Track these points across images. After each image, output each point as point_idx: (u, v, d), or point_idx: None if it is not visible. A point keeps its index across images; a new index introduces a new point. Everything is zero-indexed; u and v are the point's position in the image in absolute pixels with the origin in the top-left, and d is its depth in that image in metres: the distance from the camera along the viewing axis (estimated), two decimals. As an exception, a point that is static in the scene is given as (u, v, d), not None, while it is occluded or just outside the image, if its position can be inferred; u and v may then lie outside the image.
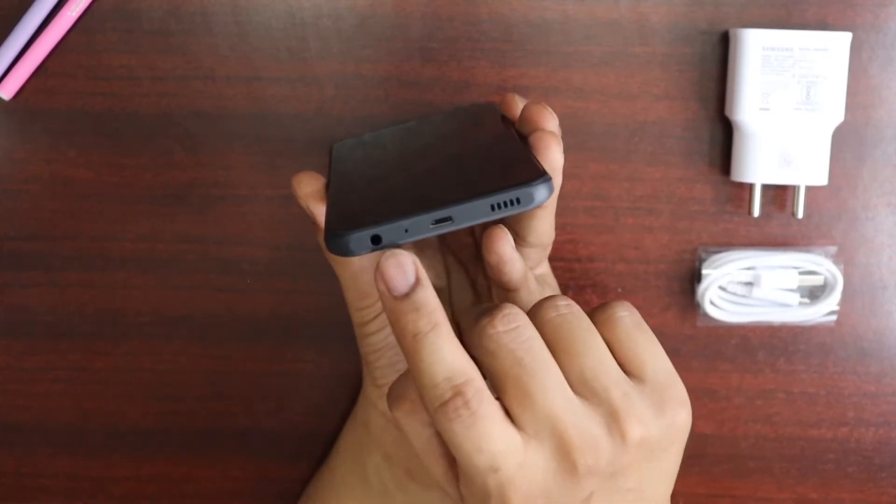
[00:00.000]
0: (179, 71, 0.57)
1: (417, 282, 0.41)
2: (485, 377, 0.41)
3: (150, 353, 0.59)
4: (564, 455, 0.41)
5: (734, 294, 0.58)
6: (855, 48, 0.57)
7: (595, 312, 0.44)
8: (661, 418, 0.42)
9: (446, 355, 0.41)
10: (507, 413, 0.41)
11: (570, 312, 0.43)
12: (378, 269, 0.41)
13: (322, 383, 0.60)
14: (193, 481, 0.60)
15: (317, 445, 0.60)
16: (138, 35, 0.56)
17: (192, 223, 0.58)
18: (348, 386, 0.60)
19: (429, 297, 0.41)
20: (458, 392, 0.40)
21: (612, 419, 0.41)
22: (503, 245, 0.46)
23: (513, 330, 0.41)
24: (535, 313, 0.43)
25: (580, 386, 0.42)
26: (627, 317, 0.44)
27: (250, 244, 0.58)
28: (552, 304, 0.43)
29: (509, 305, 0.42)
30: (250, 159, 0.57)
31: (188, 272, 0.58)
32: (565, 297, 0.43)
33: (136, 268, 0.58)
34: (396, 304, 0.41)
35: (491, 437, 0.40)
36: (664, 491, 0.44)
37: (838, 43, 0.55)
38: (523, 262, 0.47)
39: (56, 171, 0.58)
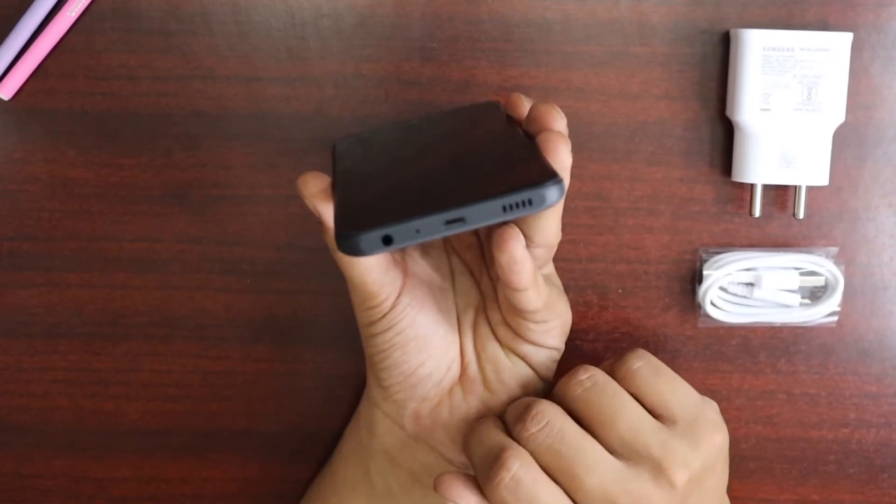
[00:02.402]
0: (179, 71, 0.57)
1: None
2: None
3: (150, 353, 0.59)
4: None
5: (735, 295, 0.58)
6: (856, 48, 0.56)
7: (613, 369, 0.49)
8: (700, 450, 0.47)
9: (486, 435, 0.47)
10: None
11: (594, 384, 0.48)
12: None
13: (322, 383, 0.60)
14: (193, 482, 0.60)
15: (317, 446, 0.60)
16: (138, 35, 0.56)
17: (191, 223, 0.58)
18: (348, 386, 0.60)
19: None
20: (496, 459, 0.46)
21: (658, 471, 0.46)
22: (515, 245, 0.46)
23: (544, 427, 0.46)
24: (562, 392, 0.48)
25: (622, 449, 0.46)
26: (643, 366, 0.48)
27: (250, 244, 0.58)
28: (576, 381, 0.48)
29: (536, 403, 0.47)
30: (250, 159, 0.57)
31: (188, 272, 0.58)
32: (586, 367, 0.49)
33: (136, 268, 0.58)
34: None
35: (538, 499, 0.45)
36: (720, 495, 0.49)
37: (839, 43, 0.55)
38: (533, 262, 0.47)
39: (55, 171, 0.58)
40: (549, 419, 0.47)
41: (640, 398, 0.48)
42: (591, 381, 0.48)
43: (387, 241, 0.42)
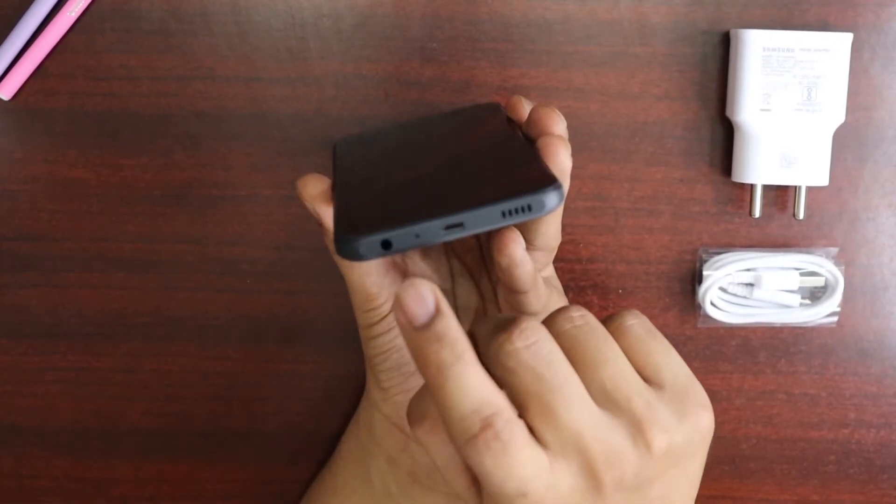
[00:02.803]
0: (179, 71, 0.57)
1: (438, 311, 0.39)
2: (501, 387, 0.41)
3: (150, 353, 0.59)
4: (590, 472, 0.40)
5: (735, 295, 0.58)
6: (856, 49, 0.56)
7: (605, 322, 0.44)
8: (684, 424, 0.42)
9: (473, 386, 0.39)
10: (531, 430, 0.40)
11: (586, 323, 0.42)
12: (396, 300, 0.40)
13: (322, 384, 0.60)
14: (193, 482, 0.60)
15: (317, 446, 0.60)
16: (138, 35, 0.56)
17: (191, 223, 0.58)
18: (348, 387, 0.60)
19: (451, 326, 0.39)
20: (487, 424, 0.39)
21: (636, 429, 0.41)
22: (515, 247, 0.46)
23: (532, 345, 0.40)
24: (549, 325, 0.42)
25: (601, 397, 0.41)
26: (637, 324, 0.43)
27: (250, 244, 0.58)
28: (567, 316, 0.42)
29: (526, 319, 0.41)
30: (250, 159, 0.57)
31: (188, 273, 0.58)
32: (579, 306, 0.43)
33: (136, 268, 0.58)
34: (417, 335, 0.39)
35: (520, 463, 0.39)
36: (690, 494, 0.44)
37: (839, 43, 0.55)
38: (533, 264, 0.47)
39: (55, 171, 0.57)
40: (539, 339, 0.40)
41: (630, 357, 0.43)
42: (582, 319, 0.42)
43: (386, 245, 0.42)
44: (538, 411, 0.40)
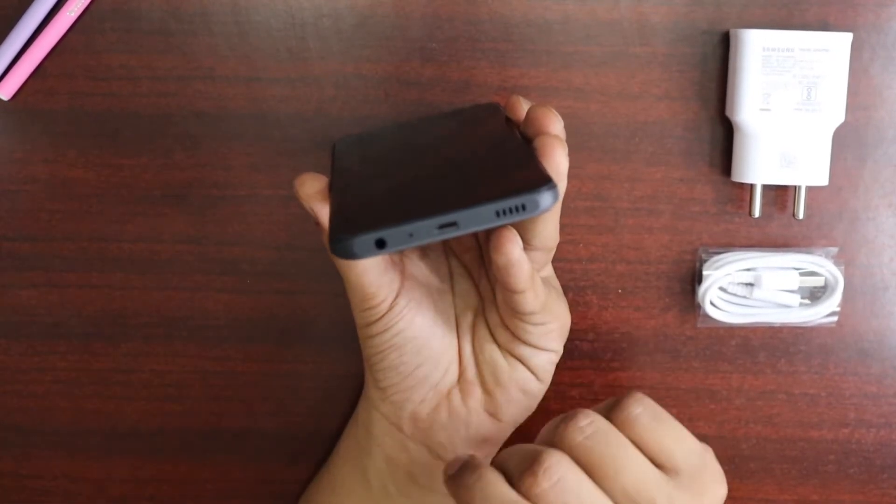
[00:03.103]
0: (179, 71, 0.57)
1: (470, 458, 0.44)
2: None
3: (150, 354, 0.59)
4: None
5: (735, 295, 0.58)
6: (856, 49, 0.56)
7: (612, 414, 0.45)
8: (703, 503, 0.45)
9: (493, 496, 0.43)
10: None
11: (596, 430, 0.44)
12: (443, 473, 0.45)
13: (322, 384, 0.60)
14: (193, 482, 0.60)
15: (317, 446, 0.60)
16: (138, 35, 0.56)
17: (191, 223, 0.58)
18: (348, 387, 0.60)
19: (476, 462, 0.44)
20: None
21: None
22: (512, 247, 0.46)
23: (557, 484, 0.43)
24: (561, 440, 0.44)
25: (624, 501, 0.43)
26: (643, 412, 0.45)
27: (250, 244, 0.58)
28: (576, 427, 0.44)
29: (546, 455, 0.43)
30: (250, 159, 0.57)
31: (187, 272, 0.58)
32: (585, 413, 0.45)
33: (136, 268, 0.58)
34: (453, 479, 0.44)
35: None
36: None
37: (839, 43, 0.55)
38: (530, 264, 0.47)
39: (55, 171, 0.58)
40: (562, 475, 0.43)
41: (641, 446, 0.45)
42: (591, 427, 0.44)
43: (380, 244, 0.42)
44: None
